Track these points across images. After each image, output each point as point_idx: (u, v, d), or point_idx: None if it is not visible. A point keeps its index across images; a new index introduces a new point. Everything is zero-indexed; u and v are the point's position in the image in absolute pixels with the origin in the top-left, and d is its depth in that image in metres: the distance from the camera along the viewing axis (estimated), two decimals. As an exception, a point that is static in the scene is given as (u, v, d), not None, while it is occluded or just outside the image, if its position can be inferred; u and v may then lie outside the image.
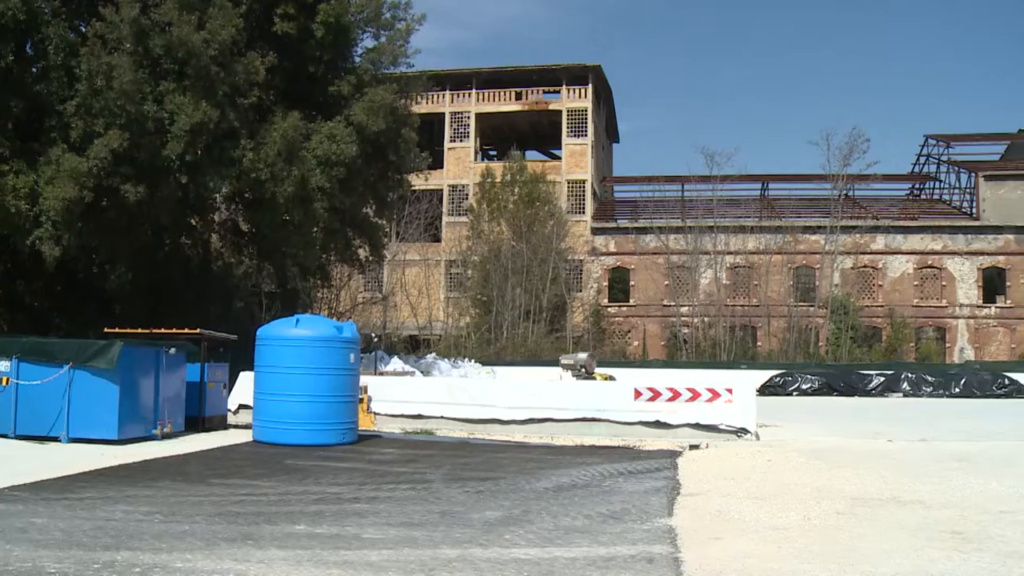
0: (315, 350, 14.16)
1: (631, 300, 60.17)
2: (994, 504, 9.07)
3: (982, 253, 58.77)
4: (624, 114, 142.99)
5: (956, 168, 64.89)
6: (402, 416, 17.20)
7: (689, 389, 16.18)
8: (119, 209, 21.26)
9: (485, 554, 6.41)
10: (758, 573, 5.98)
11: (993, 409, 27.20)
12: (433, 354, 39.41)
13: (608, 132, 73.03)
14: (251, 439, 14.49)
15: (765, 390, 33.62)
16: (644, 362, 49.34)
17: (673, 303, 57.77)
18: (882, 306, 57.64)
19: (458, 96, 62.98)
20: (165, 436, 14.52)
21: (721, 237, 57.83)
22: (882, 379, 36.26)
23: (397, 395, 17.72)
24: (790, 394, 34.99)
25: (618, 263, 60.82)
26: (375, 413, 17.01)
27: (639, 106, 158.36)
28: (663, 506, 8.62)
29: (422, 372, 28.97)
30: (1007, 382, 36.16)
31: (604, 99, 66.97)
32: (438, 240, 61.18)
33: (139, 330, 16.51)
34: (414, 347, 51.84)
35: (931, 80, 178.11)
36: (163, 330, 16.40)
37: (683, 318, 57.23)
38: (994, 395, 34.96)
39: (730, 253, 58.38)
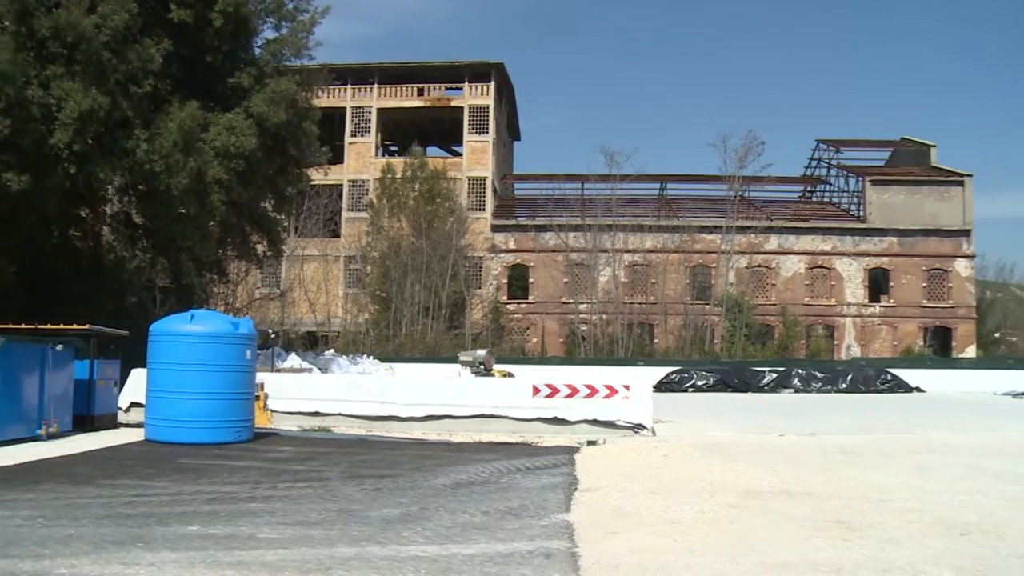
0: (210, 346, 13.87)
1: (530, 297, 60.47)
2: (875, 494, 9.42)
3: (868, 254, 60.86)
4: (526, 112, 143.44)
5: (845, 172, 67.16)
6: (299, 413, 16.96)
7: (587, 386, 16.33)
8: (1, 198, 20.36)
9: (383, 552, 6.38)
10: (654, 566, 6.08)
11: (877, 404, 28.17)
12: (332, 351, 39.04)
13: (510, 130, 73.24)
14: (143, 438, 14.12)
15: (662, 386, 34.19)
16: (543, 359, 49.72)
17: (572, 300, 58.25)
18: (775, 304, 59.15)
19: (360, 91, 62.33)
20: (51, 436, 14.03)
21: (620, 235, 58.53)
22: (774, 375, 37.21)
23: (294, 392, 17.49)
24: (686, 390, 35.64)
25: (518, 260, 61.07)
26: (272, 410, 16.73)
27: (541, 104, 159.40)
28: (561, 502, 8.70)
29: (320, 369, 28.68)
30: (889, 378, 37.56)
31: (506, 97, 67.13)
32: (337, 236, 60.50)
33: (23, 325, 15.89)
34: (312, 344, 51.20)
35: (823, 87, 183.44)
36: (49, 326, 15.80)
37: (582, 315, 57.79)
38: (878, 390, 36.24)
39: (628, 251, 59.14)
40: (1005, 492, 9.77)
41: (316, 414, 16.94)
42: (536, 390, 16.42)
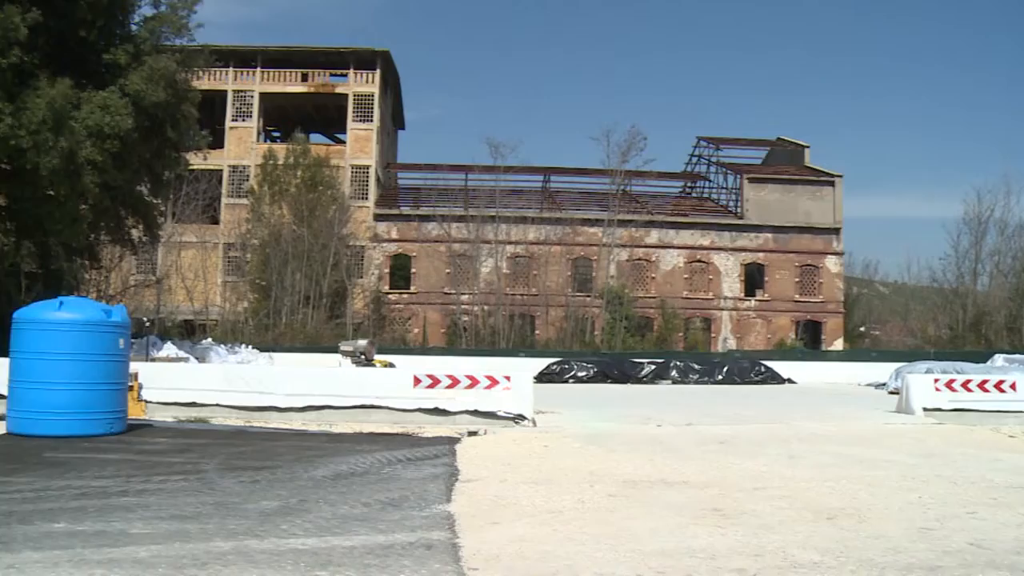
0: (81, 335, 13.34)
1: (412, 287, 60.28)
2: (749, 482, 9.70)
3: (745, 250, 62.66)
4: (411, 102, 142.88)
5: (724, 170, 68.97)
6: (175, 404, 16.48)
7: (468, 376, 16.33)
8: None
9: (261, 545, 6.25)
10: (533, 556, 6.13)
11: (751, 395, 28.99)
12: (209, 339, 38.17)
13: (394, 119, 72.71)
14: (5, 431, 13.51)
15: (543, 377, 34.40)
16: (424, 349, 49.59)
17: (454, 291, 58.29)
18: (654, 297, 60.32)
19: (242, 74, 60.94)
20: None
21: (503, 227, 58.79)
22: (653, 367, 37.81)
23: (170, 382, 16.97)
24: (567, 381, 35.95)
25: (400, 250, 60.76)
26: (146, 401, 16.20)
27: (427, 94, 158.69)
28: (442, 492, 8.68)
29: (197, 358, 28.00)
30: (763, 369, 38.68)
31: (391, 85, 66.60)
32: (216, 222, 59.14)
33: None
34: (189, 332, 49.98)
35: (705, 85, 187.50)
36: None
37: (464, 306, 57.88)
38: (752, 381, 37.26)
39: (511, 243, 59.45)
40: (867, 477, 10.19)
41: (193, 405, 16.49)
42: (417, 380, 16.33)
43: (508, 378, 16.34)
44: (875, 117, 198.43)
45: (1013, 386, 20.07)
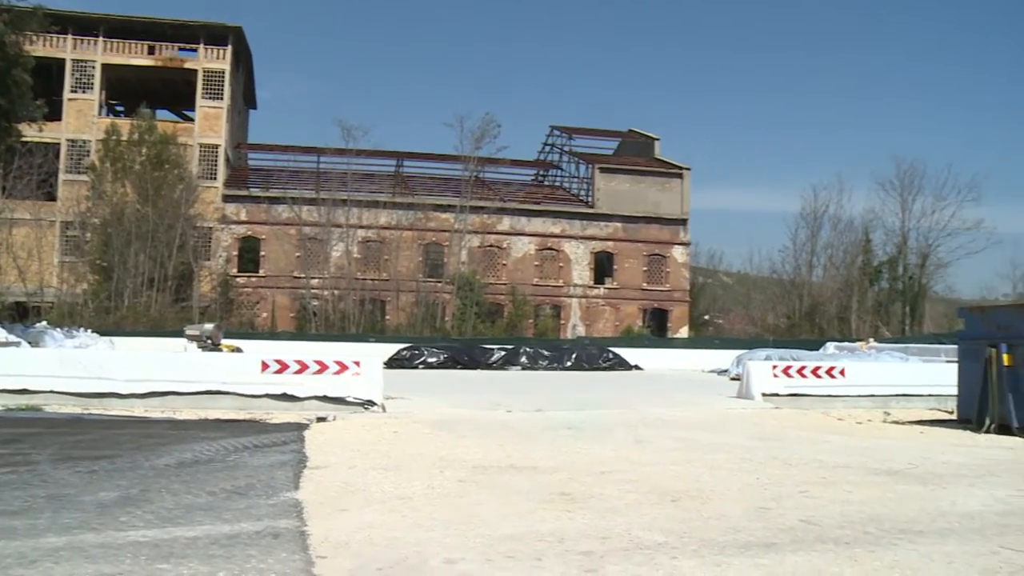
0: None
1: (261, 271, 58.99)
2: (597, 467, 9.89)
3: (595, 238, 63.82)
4: (263, 80, 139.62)
5: (576, 159, 69.99)
6: (4, 391, 15.64)
7: (317, 362, 16.11)
8: None
9: (98, 539, 5.98)
10: (383, 542, 6.08)
11: (599, 381, 29.57)
12: (44, 322, 36.32)
13: (246, 97, 70.80)
14: None
15: (393, 363, 34.22)
16: (273, 334, 48.65)
17: (304, 275, 57.34)
18: (505, 284, 60.79)
19: (82, 42, 58.07)
20: None
21: (354, 211, 58.15)
22: (503, 353, 38.10)
23: (-1, 367, 16.10)
24: (417, 367, 35.86)
25: (249, 232, 59.33)
26: (-31, 388, 15.34)
27: (280, 73, 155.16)
28: (289, 480, 8.53)
29: (30, 343, 26.61)
30: (611, 356, 39.49)
31: (243, 62, 64.80)
32: (53, 199, 56.20)
33: None
34: (22, 315, 47.52)
35: (560, 75, 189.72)
36: None
37: (314, 290, 57.03)
38: (600, 368, 38.01)
39: (363, 227, 58.89)
40: (709, 461, 10.55)
41: (24, 392, 15.66)
42: (265, 366, 16.01)
43: (358, 363, 16.21)
44: (723, 113, 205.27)
45: (842, 372, 21.13)
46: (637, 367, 39.62)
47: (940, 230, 69.74)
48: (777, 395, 20.28)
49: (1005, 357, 15.02)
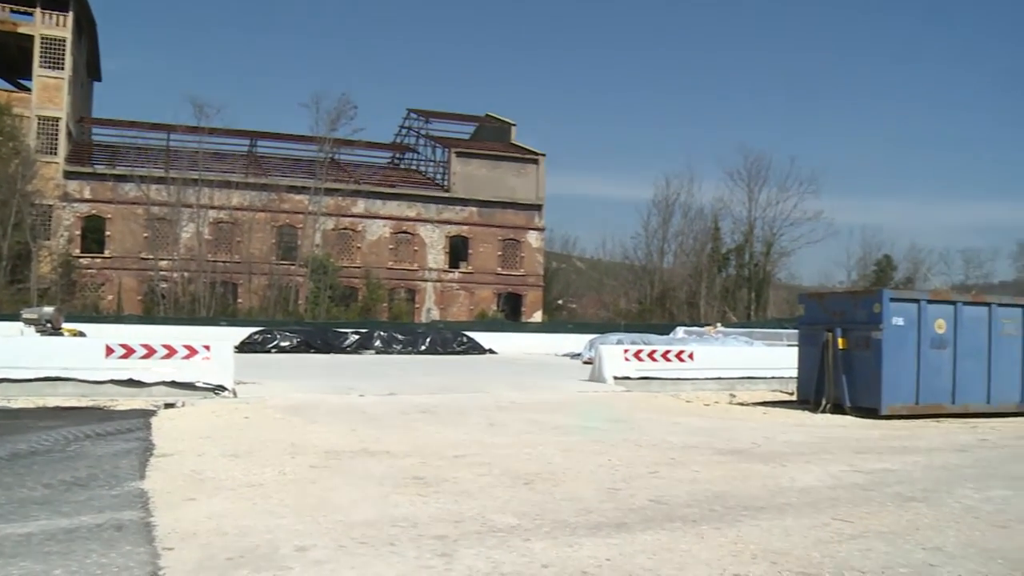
0: None
1: (107, 251, 56.66)
2: (450, 450, 9.92)
3: (450, 222, 63.89)
4: (109, 52, 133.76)
5: (433, 143, 69.82)
6: None
7: (165, 346, 15.64)
8: None
9: (-87, 538, 5.59)
10: (233, 531, 5.94)
11: (454, 365, 29.65)
12: None
13: (89, 68, 67.54)
14: None
15: (245, 347, 33.51)
16: (119, 317, 46.88)
17: (152, 256, 55.36)
18: (360, 267, 60.24)
19: (-101, 4, 54.18)
20: None
21: (205, 191, 56.51)
22: (357, 337, 37.81)
23: None
24: (269, 351, 35.22)
25: (93, 211, 56.84)
26: None
27: (126, 44, 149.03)
28: (134, 469, 8.23)
29: None
30: (466, 340, 39.72)
31: (86, 30, 61.68)
32: None
33: None
34: None
35: (416, 57, 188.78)
36: None
37: (162, 272, 55.17)
38: (455, 352, 38.17)
39: (214, 208, 57.29)
40: (562, 443, 10.72)
41: None
42: (110, 350, 15.41)
43: (208, 348, 15.81)
44: (579, 100, 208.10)
45: (691, 356, 21.79)
46: (491, 351, 39.94)
47: (783, 220, 72.82)
48: (628, 378, 20.76)
49: (840, 341, 15.79)
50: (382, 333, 38.84)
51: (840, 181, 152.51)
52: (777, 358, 23.06)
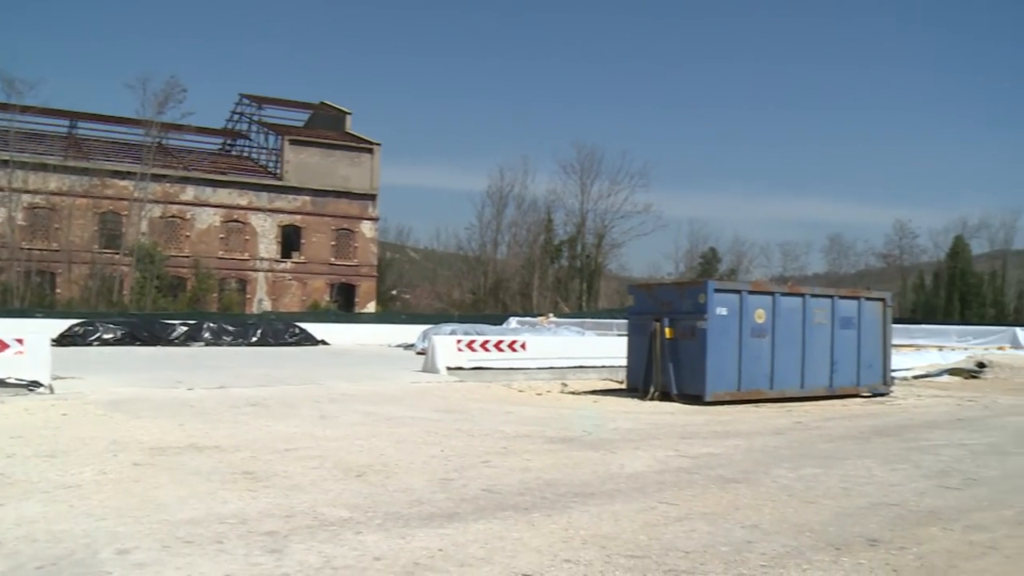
0: None
1: (-90, 238, 52.86)
2: (281, 444, 9.75)
3: (283, 211, 62.67)
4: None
5: (266, 129, 68.20)
6: None
7: (-28, 339, 14.78)
8: None
9: None
10: (45, 537, 5.63)
11: (285, 356, 29.12)
12: None
13: None
14: None
15: (64, 340, 31.96)
16: (-81, 309, 43.84)
17: (-41, 244, 52.04)
18: (189, 256, 58.40)
19: None
20: None
21: (19, 173, 53.36)
22: (186, 328, 36.66)
23: None
24: (91, 344, 33.70)
25: None
26: None
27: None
28: (-67, 473, 7.73)
29: None
30: (298, 331, 39.07)
31: None
32: None
33: None
34: None
35: (248, 38, 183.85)
36: None
37: (-30, 261, 51.93)
38: (287, 343, 37.50)
39: (29, 192, 54.25)
40: (394, 435, 10.69)
41: None
42: (-94, 344, 14.44)
43: (21, 341, 15.06)
44: (416, 89, 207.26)
45: (524, 346, 22.12)
46: (324, 342, 39.43)
47: (615, 212, 74.80)
48: (462, 368, 20.89)
49: (667, 331, 16.32)
50: (212, 324, 37.78)
51: (670, 175, 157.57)
52: (608, 347, 23.67)
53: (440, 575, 4.96)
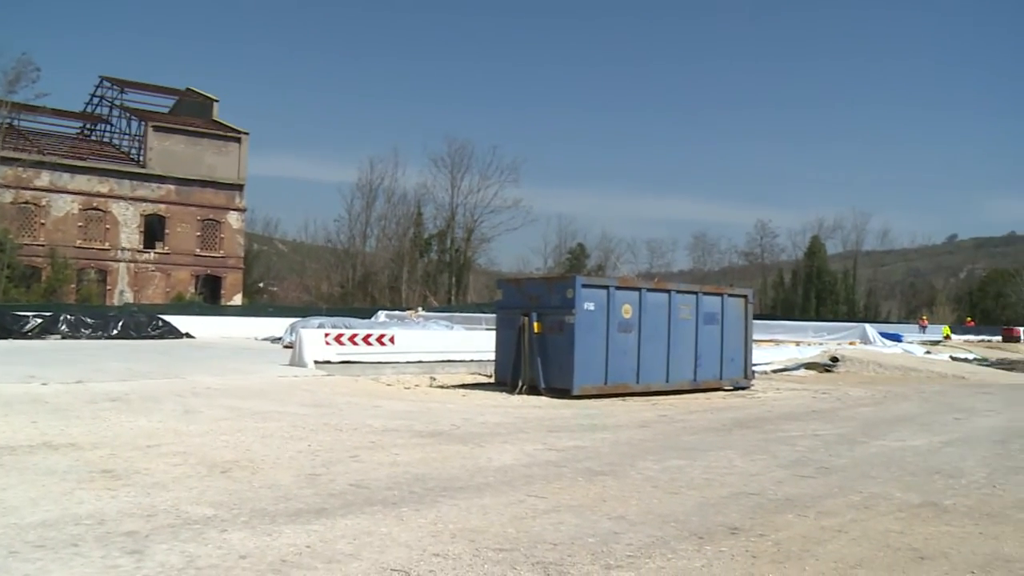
0: None
1: None
2: (143, 440, 9.47)
3: (146, 200, 60.72)
4: None
5: (128, 115, 65.85)
6: None
7: None
8: None
9: None
10: None
11: (148, 350, 28.24)
12: None
13: None
14: None
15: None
16: None
17: None
18: (44, 245, 56.03)
19: None
20: None
21: None
22: (40, 321, 35.17)
23: None
24: (-66, 337, 32.03)
25: None
26: None
27: None
28: None
29: None
30: (161, 324, 37.95)
31: None
32: None
33: None
34: None
35: (111, 24, 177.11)
36: None
37: None
38: (150, 336, 36.39)
39: None
40: (260, 430, 10.53)
41: None
42: None
43: None
44: (286, 78, 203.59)
45: (392, 340, 22.05)
46: (189, 335, 38.42)
47: (484, 207, 75.13)
48: (330, 362, 20.68)
49: (535, 325, 16.51)
50: (69, 317, 36.33)
51: (539, 172, 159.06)
52: (477, 342, 23.80)
53: (308, 572, 4.91)
